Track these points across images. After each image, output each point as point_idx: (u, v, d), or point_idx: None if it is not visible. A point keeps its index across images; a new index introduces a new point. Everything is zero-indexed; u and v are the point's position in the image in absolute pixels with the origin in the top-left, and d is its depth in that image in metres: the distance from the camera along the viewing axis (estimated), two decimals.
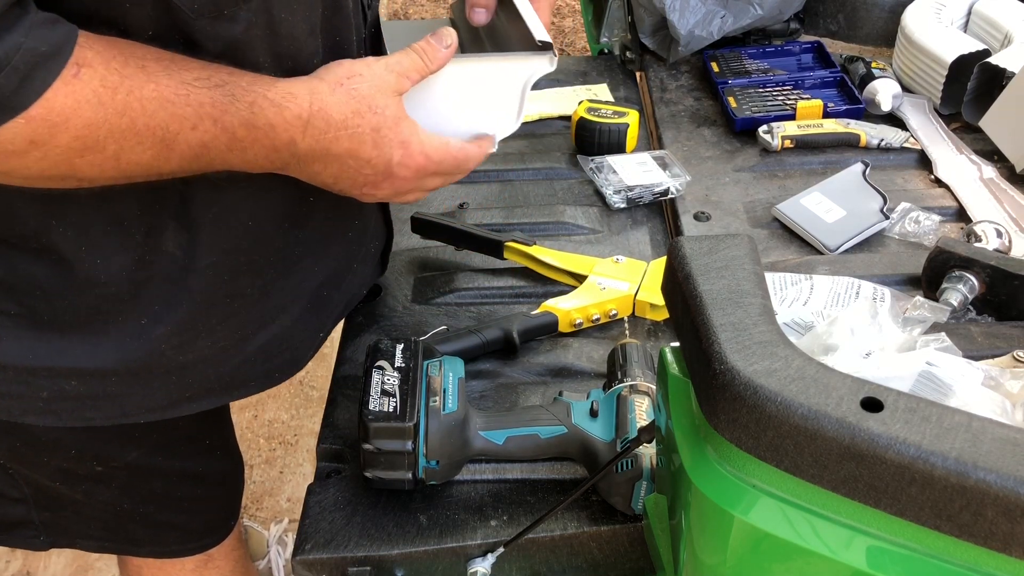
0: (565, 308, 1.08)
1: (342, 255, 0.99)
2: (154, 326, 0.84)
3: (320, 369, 2.23)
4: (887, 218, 1.22)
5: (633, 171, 1.33)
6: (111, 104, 0.65)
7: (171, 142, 0.69)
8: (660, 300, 1.07)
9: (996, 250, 1.11)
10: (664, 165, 1.34)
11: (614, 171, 1.33)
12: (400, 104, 0.80)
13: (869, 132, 1.40)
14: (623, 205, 1.30)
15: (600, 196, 1.32)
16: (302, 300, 0.95)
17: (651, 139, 1.50)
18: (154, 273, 0.82)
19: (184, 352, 0.87)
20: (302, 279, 0.94)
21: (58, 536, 1.06)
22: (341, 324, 1.13)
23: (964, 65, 1.39)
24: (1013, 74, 1.33)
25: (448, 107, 0.87)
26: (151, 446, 0.99)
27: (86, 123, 0.64)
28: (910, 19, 1.51)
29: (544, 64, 0.87)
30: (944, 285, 1.05)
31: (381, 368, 0.88)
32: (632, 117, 1.39)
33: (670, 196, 1.31)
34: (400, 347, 0.90)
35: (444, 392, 0.87)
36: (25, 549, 1.09)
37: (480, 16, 0.96)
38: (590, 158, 1.36)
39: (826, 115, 1.45)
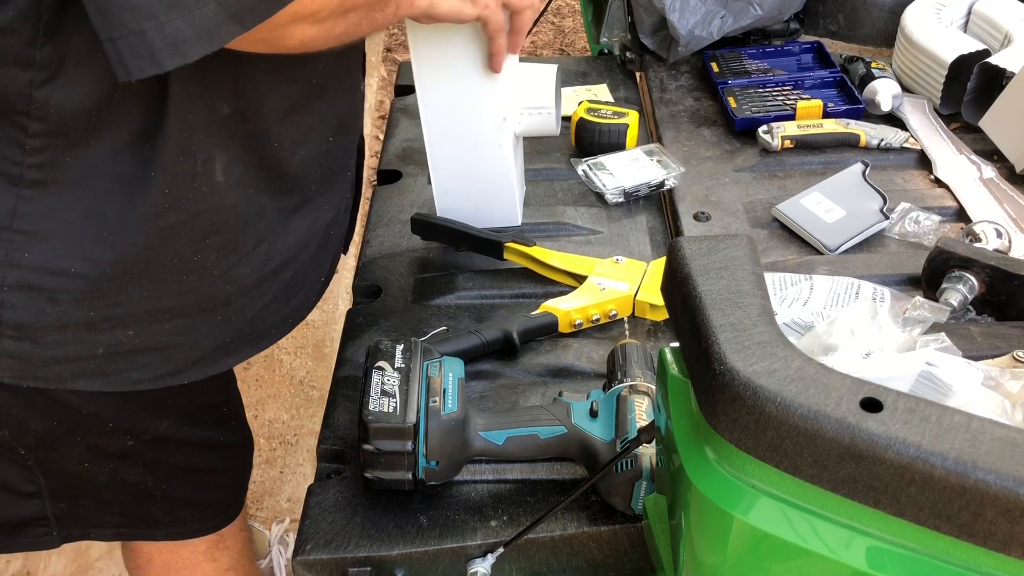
0: (565, 308, 1.08)
1: (339, 198, 1.07)
2: (206, 255, 0.91)
3: (320, 369, 2.24)
4: (887, 218, 1.22)
5: (627, 168, 1.33)
6: None
7: None
8: (660, 300, 1.07)
9: (996, 250, 1.11)
10: (657, 158, 1.35)
11: (608, 171, 1.33)
12: None
13: (869, 132, 1.40)
14: (620, 199, 1.30)
15: (599, 195, 1.32)
16: (316, 238, 1.02)
17: (651, 139, 1.50)
18: (204, 206, 0.88)
19: (229, 281, 0.94)
20: (317, 216, 1.01)
21: (72, 529, 1.08)
22: (342, 325, 1.13)
23: (964, 65, 1.39)
24: (1013, 74, 1.33)
25: None
26: (181, 415, 1.02)
27: None
28: (910, 19, 1.51)
29: None
30: (944, 285, 1.05)
31: (381, 369, 0.88)
32: (632, 117, 1.39)
33: (666, 188, 1.31)
34: (400, 347, 0.90)
35: (444, 392, 0.87)
36: (35, 549, 1.10)
37: None
38: (582, 159, 1.36)
39: (826, 115, 1.45)
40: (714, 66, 1.59)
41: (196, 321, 0.94)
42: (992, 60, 1.37)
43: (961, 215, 1.26)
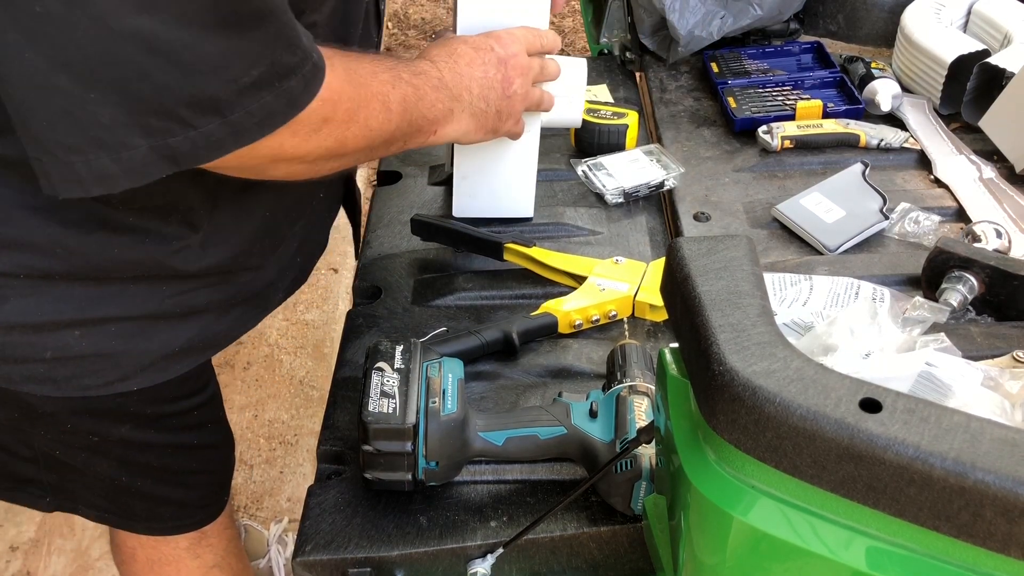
0: (565, 309, 1.08)
1: (320, 227, 1.13)
2: (159, 284, 0.92)
3: (320, 369, 2.24)
4: (887, 218, 1.22)
5: (627, 168, 1.33)
6: (354, 79, 0.85)
7: (387, 101, 0.88)
8: (659, 301, 1.07)
9: (996, 250, 1.11)
10: (656, 159, 1.35)
11: (608, 172, 1.33)
12: None
13: (869, 132, 1.40)
14: (620, 200, 1.30)
15: (598, 196, 1.32)
16: (286, 270, 1.07)
17: (651, 139, 1.50)
18: (168, 257, 0.90)
19: (181, 306, 0.95)
20: (290, 256, 1.07)
21: (64, 499, 1.09)
22: (341, 326, 1.13)
23: (964, 65, 1.39)
24: (1013, 74, 1.33)
25: None
26: (143, 421, 1.02)
27: (349, 96, 0.83)
28: (910, 19, 1.51)
29: None
30: (944, 285, 1.05)
31: (380, 369, 0.88)
32: (632, 118, 1.39)
33: (666, 188, 1.31)
34: (399, 348, 0.90)
35: (444, 393, 0.87)
36: (31, 508, 1.12)
37: None
38: (582, 160, 1.36)
39: (826, 115, 1.45)
40: (714, 66, 1.59)
41: (144, 327, 0.93)
42: (992, 60, 1.37)
43: (961, 215, 1.26)
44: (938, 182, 1.33)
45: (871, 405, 0.52)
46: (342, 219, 1.24)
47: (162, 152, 0.71)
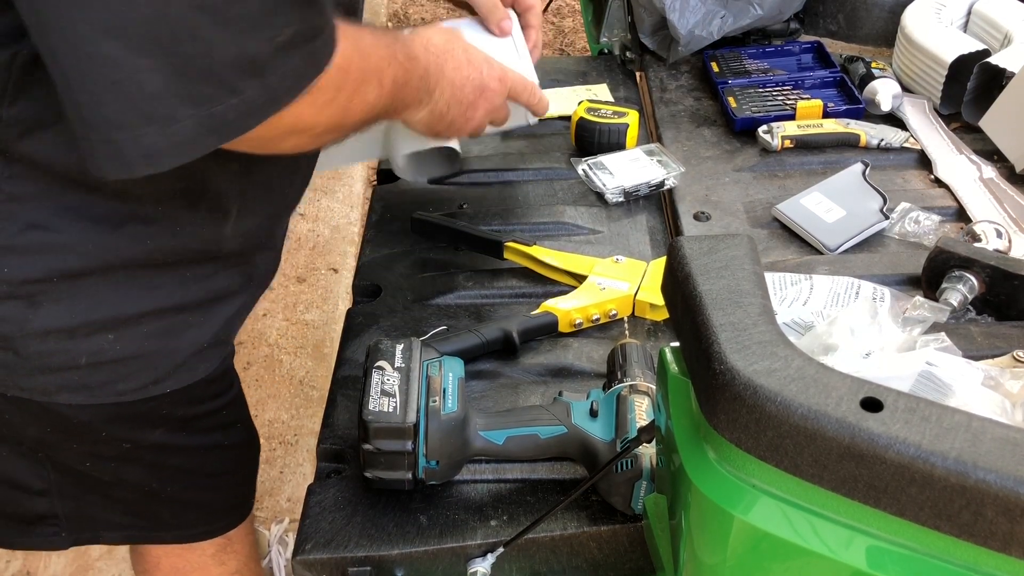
0: (565, 308, 1.08)
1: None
2: (188, 273, 0.93)
3: (320, 369, 2.23)
4: (887, 218, 1.22)
5: (627, 167, 1.33)
6: (361, 49, 0.84)
7: (382, 78, 0.88)
8: (660, 300, 1.07)
9: (996, 250, 1.11)
10: (656, 158, 1.35)
11: (608, 170, 1.33)
12: None
13: (869, 132, 1.40)
14: (621, 199, 1.30)
15: (599, 195, 1.32)
16: (280, 250, 1.09)
17: (651, 139, 1.50)
18: (199, 243, 0.91)
19: (208, 292, 0.96)
20: (283, 236, 1.08)
21: (81, 530, 1.08)
22: (341, 325, 1.13)
23: (964, 65, 1.39)
24: (1013, 74, 1.33)
25: None
26: (175, 424, 1.02)
27: (357, 67, 0.83)
28: (910, 19, 1.51)
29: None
30: (944, 285, 1.05)
31: (381, 368, 0.88)
32: (632, 117, 1.39)
33: (666, 187, 1.32)
34: (400, 347, 0.90)
35: (444, 392, 0.87)
36: (45, 549, 1.10)
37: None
38: (582, 159, 1.36)
39: (826, 115, 1.45)
40: (714, 66, 1.59)
41: (174, 322, 0.94)
42: (992, 60, 1.37)
43: (961, 215, 1.26)
44: (938, 182, 1.33)
45: (872, 404, 0.52)
46: (342, 219, 1.25)
47: (207, 124, 0.71)
